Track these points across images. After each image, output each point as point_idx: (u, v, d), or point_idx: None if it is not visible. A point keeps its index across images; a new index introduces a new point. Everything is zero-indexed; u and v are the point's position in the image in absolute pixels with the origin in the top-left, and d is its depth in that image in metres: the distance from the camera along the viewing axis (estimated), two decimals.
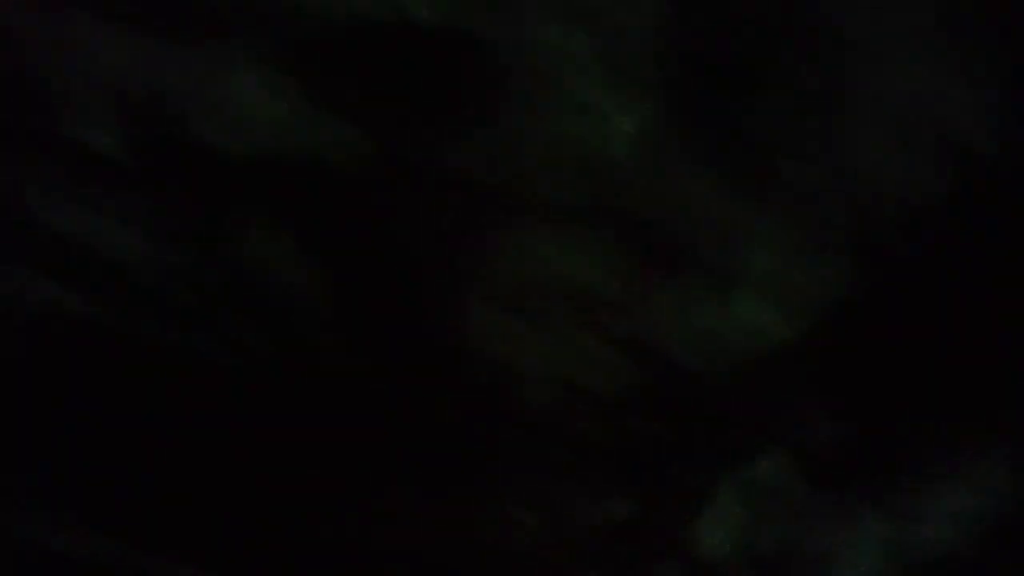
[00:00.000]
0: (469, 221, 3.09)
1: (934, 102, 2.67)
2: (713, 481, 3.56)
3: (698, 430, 3.48)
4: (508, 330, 3.27)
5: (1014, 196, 2.96)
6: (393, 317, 3.24)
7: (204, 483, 3.36)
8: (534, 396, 3.39)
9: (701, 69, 2.87)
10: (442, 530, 3.67)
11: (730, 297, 3.18)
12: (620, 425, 3.46)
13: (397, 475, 3.54)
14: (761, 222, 3.05)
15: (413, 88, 2.93)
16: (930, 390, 3.35)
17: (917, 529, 3.74)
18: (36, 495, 3.34)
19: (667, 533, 3.76)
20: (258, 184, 3.00)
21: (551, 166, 3.05)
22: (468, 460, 3.54)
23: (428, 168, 3.02)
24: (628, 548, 3.66)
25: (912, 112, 2.75)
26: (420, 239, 3.13)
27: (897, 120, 2.80)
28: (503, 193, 3.06)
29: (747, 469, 3.54)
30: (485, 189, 3.05)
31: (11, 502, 3.33)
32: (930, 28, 2.70)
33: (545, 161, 3.04)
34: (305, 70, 2.88)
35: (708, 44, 2.82)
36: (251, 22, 2.82)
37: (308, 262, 3.12)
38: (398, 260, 3.16)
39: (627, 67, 2.89)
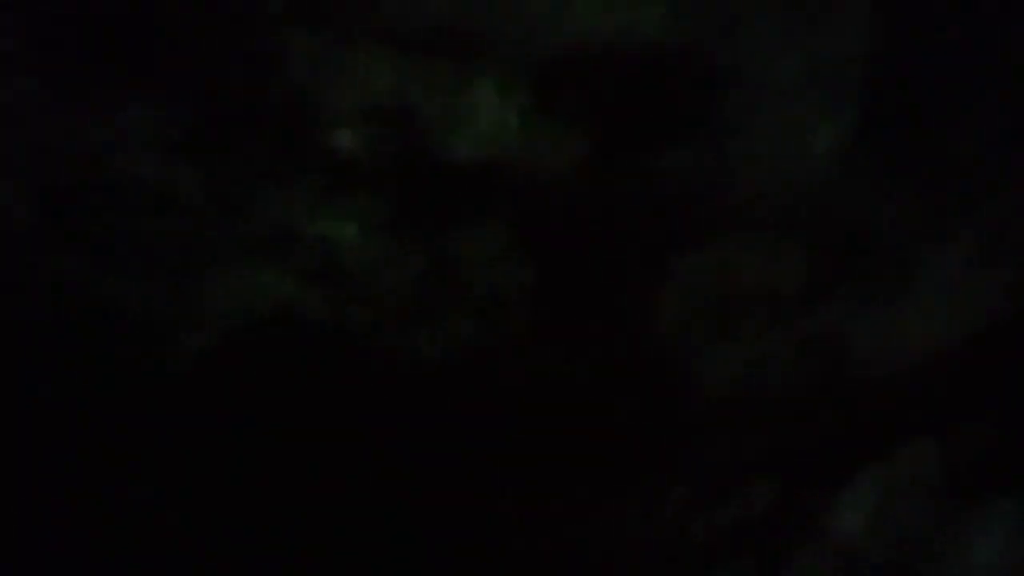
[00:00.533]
0: (671, 226, 3.39)
1: None
2: (857, 469, 3.85)
3: (853, 421, 3.77)
4: (696, 330, 3.55)
5: None
6: (591, 316, 3.53)
7: (396, 463, 3.61)
8: (711, 392, 3.68)
9: (901, 89, 3.19)
10: (595, 512, 3.92)
11: (907, 300, 3.49)
12: (784, 417, 3.75)
13: (568, 463, 3.80)
14: (944, 229, 3.36)
15: (633, 99, 3.25)
16: None
17: None
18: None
19: (808, 519, 4.03)
20: (483, 188, 3.30)
21: (752, 177, 3.35)
22: (634, 448, 3.80)
23: (640, 176, 3.32)
24: (770, 533, 3.93)
25: None
26: (624, 243, 3.42)
27: None
28: (706, 201, 3.36)
29: (890, 459, 3.83)
30: (690, 197, 3.35)
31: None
32: None
33: (747, 172, 3.35)
34: (537, 82, 3.19)
35: (911, 65, 3.14)
36: (493, 38, 3.13)
37: (519, 262, 3.40)
38: (602, 263, 3.45)
39: (832, 85, 3.21)
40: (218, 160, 3.11)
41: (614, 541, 3.70)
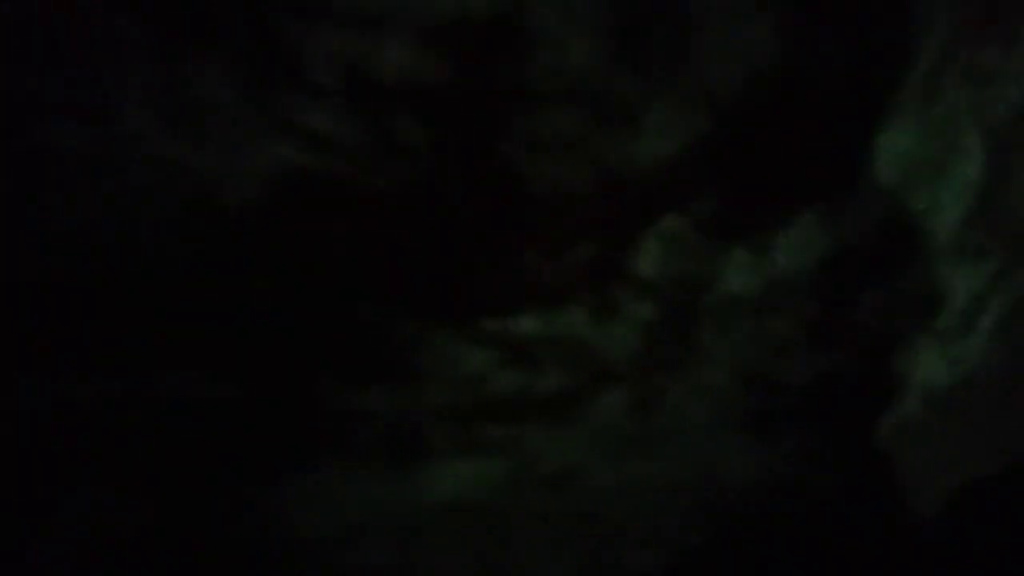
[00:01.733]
0: (514, 99, 6.23)
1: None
2: (644, 233, 6.57)
3: (635, 207, 6.55)
4: (539, 153, 6.35)
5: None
6: (475, 154, 6.33)
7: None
8: (551, 191, 6.45)
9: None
10: (486, 263, 6.57)
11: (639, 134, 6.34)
12: (588, 202, 6.52)
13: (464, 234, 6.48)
14: (659, 96, 6.23)
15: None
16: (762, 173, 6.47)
17: (775, 260, 6.72)
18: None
19: (618, 265, 6.73)
20: (400, 95, 6.14)
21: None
22: (503, 225, 6.50)
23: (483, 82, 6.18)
24: (596, 275, 6.62)
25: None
26: (481, 108, 6.25)
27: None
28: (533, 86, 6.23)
29: (662, 224, 6.57)
30: (522, 89, 6.22)
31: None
32: None
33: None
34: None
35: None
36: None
37: (423, 125, 6.22)
38: (469, 121, 6.26)
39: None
40: (255, 86, 5.85)
41: (496, 279, 6.36)
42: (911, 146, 6.38)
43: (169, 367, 5.87)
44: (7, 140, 6.15)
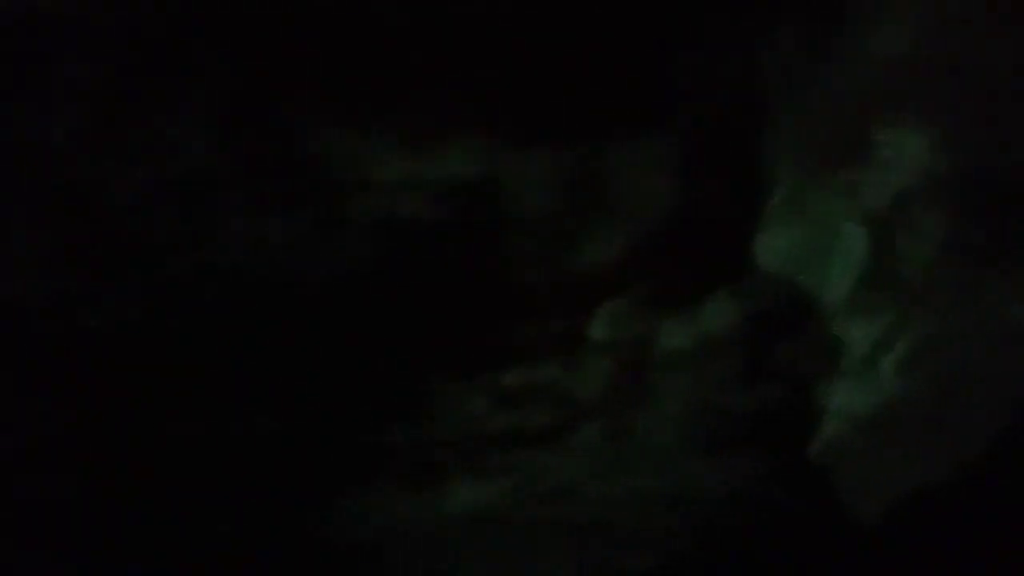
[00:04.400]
0: None
1: None
2: (596, 310, 8.67)
3: (588, 293, 8.63)
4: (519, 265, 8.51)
5: None
6: (470, 265, 8.52)
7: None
8: (526, 279, 8.61)
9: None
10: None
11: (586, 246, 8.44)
12: (553, 286, 8.63)
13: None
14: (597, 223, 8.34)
15: None
16: None
17: (700, 324, 8.76)
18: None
19: (580, 332, 8.80)
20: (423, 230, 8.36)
21: None
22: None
23: None
24: (562, 339, 8.70)
25: None
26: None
27: None
28: None
29: (610, 303, 8.66)
30: None
31: None
32: None
33: None
34: None
35: None
36: None
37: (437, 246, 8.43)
38: (474, 249, 8.46)
39: None
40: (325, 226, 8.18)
41: (488, 346, 8.53)
42: (792, 241, 8.41)
43: (248, 410, 8.20)
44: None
